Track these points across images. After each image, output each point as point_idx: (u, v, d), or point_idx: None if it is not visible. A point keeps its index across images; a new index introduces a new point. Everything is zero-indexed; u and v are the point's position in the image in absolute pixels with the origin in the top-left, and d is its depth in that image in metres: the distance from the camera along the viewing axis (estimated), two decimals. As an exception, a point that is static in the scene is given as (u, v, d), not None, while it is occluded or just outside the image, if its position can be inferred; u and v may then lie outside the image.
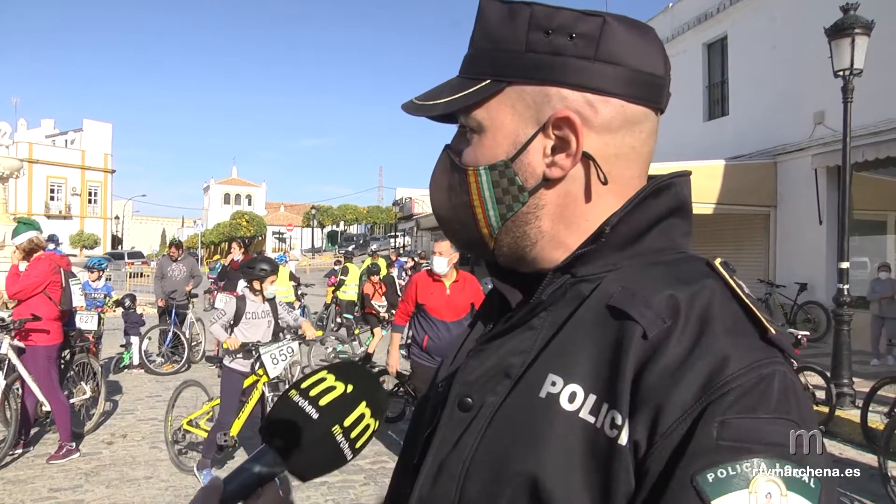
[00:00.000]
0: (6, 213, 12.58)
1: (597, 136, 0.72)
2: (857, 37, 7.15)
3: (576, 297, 0.72)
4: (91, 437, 6.49)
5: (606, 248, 0.73)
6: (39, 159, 51.08)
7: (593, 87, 0.71)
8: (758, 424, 0.57)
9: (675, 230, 0.76)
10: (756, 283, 12.91)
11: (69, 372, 6.62)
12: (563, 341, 0.70)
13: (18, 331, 5.62)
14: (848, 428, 6.53)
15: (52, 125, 62.93)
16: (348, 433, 0.75)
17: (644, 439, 0.60)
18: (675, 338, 0.63)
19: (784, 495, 0.55)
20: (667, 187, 0.75)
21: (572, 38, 0.71)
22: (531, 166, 0.74)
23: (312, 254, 56.83)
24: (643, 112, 0.74)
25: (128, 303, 10.37)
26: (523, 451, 0.66)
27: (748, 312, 0.66)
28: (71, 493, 5.06)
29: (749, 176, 12.52)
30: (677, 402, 0.59)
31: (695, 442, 0.57)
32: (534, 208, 0.75)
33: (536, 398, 0.67)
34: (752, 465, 0.55)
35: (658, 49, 0.74)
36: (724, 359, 0.60)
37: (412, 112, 0.78)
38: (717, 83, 14.96)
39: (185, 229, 72.95)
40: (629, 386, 0.62)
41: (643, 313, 0.65)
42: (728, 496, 0.54)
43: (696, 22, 15.26)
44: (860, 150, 9.96)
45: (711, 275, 0.70)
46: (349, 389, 0.77)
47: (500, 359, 0.73)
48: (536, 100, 0.73)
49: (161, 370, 9.98)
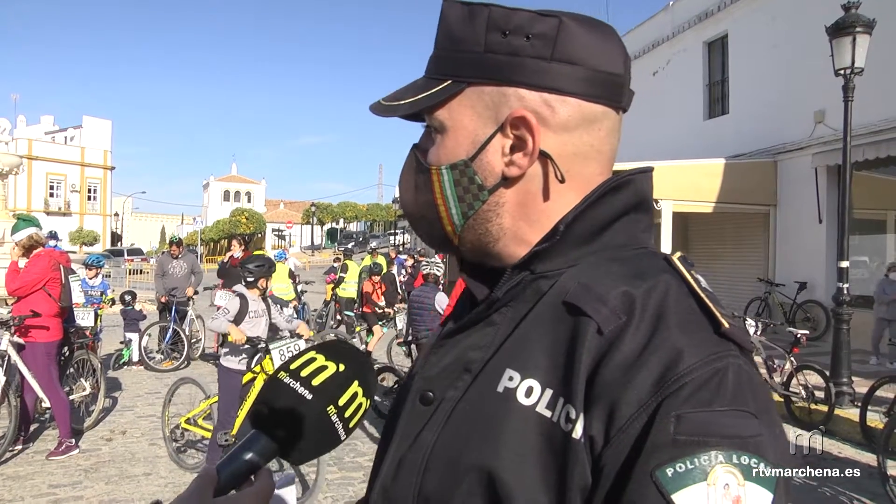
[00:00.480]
0: (6, 210, 12.57)
1: (554, 135, 0.73)
2: (859, 35, 7.14)
3: (535, 293, 0.73)
4: (90, 434, 6.49)
5: (564, 244, 0.74)
6: (39, 156, 51.04)
7: (550, 87, 0.72)
8: (713, 417, 0.58)
9: (635, 226, 0.77)
10: (755, 282, 12.93)
11: (69, 368, 6.62)
12: (520, 337, 0.71)
13: (18, 327, 5.62)
14: (847, 427, 6.54)
15: (51, 122, 62.85)
16: (342, 413, 0.74)
17: (600, 434, 0.61)
18: (630, 333, 0.64)
19: (741, 485, 0.56)
20: (626, 184, 0.76)
21: (529, 38, 0.71)
22: (490, 165, 0.75)
23: (312, 251, 56.78)
24: (602, 111, 0.75)
25: (128, 299, 10.38)
26: (481, 445, 0.67)
27: (703, 307, 0.67)
28: (70, 489, 5.06)
29: (749, 175, 12.52)
30: (632, 398, 0.60)
31: (652, 437, 0.58)
32: (494, 206, 0.76)
33: (494, 393, 0.69)
34: (709, 457, 0.56)
35: (617, 48, 0.75)
36: (678, 353, 0.61)
37: (378, 112, 0.79)
38: (718, 82, 14.94)
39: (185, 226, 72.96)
40: (584, 380, 0.63)
41: (598, 309, 0.66)
42: (687, 490, 0.56)
43: (696, 20, 15.25)
44: (860, 149, 9.96)
45: (669, 270, 0.71)
46: (341, 368, 0.76)
47: (460, 354, 0.75)
48: (495, 100, 0.74)
49: (161, 367, 9.98)
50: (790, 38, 12.25)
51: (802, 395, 6.92)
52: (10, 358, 5.61)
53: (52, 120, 62.99)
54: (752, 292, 13.05)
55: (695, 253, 15.67)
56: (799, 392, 6.96)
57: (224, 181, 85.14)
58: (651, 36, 17.10)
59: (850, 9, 7.26)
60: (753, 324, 7.85)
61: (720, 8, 14.43)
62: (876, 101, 9.71)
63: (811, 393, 6.89)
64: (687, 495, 0.55)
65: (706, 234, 15.09)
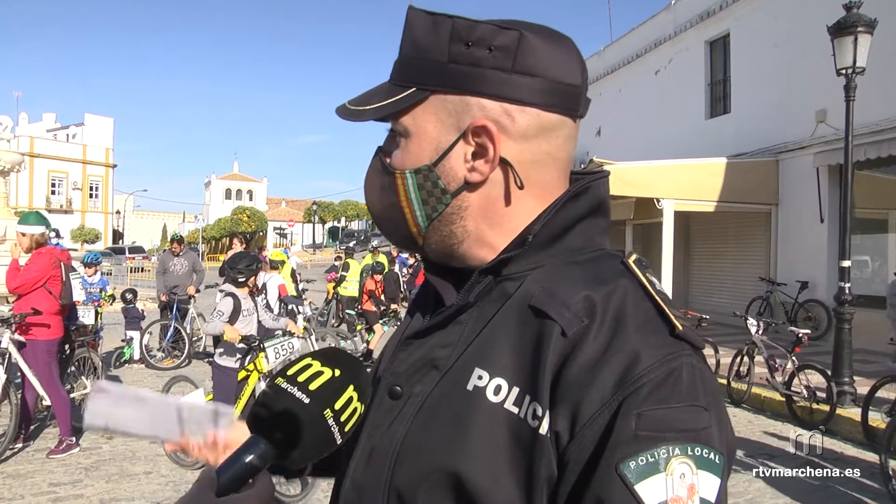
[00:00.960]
0: (7, 208, 12.58)
1: (514, 144, 0.77)
2: (860, 35, 7.13)
3: (501, 294, 0.77)
4: (91, 432, 6.48)
5: (528, 249, 0.78)
6: (41, 153, 51.12)
7: (510, 98, 0.75)
8: (670, 414, 0.64)
9: (592, 229, 0.82)
10: (757, 281, 12.92)
11: (70, 366, 6.62)
12: (488, 337, 0.75)
13: (19, 325, 5.62)
14: (849, 426, 6.53)
15: (53, 119, 63.00)
16: (338, 417, 0.76)
17: (565, 430, 0.66)
18: (592, 336, 0.68)
19: (695, 473, 0.62)
20: (585, 190, 0.81)
21: (491, 50, 0.74)
22: (453, 171, 0.78)
23: (313, 249, 56.80)
24: (559, 119, 0.78)
25: (129, 297, 10.39)
26: (451, 440, 0.71)
27: (659, 310, 0.71)
28: (71, 487, 5.06)
29: (750, 174, 12.50)
30: (595, 396, 0.65)
31: (616, 433, 0.63)
32: (457, 209, 0.79)
33: (464, 391, 0.73)
34: (667, 451, 0.62)
35: (575, 59, 0.78)
36: (636, 355, 0.66)
37: (344, 116, 0.82)
38: (719, 81, 14.92)
39: (186, 224, 72.93)
40: (550, 379, 0.68)
41: (561, 313, 0.71)
42: (648, 480, 0.61)
43: (698, 19, 15.23)
44: (862, 149, 9.94)
45: (626, 273, 0.75)
46: (337, 374, 0.78)
47: (428, 351, 0.79)
48: (457, 108, 0.77)
49: (162, 365, 9.99)
50: (792, 38, 12.23)
51: (804, 395, 6.91)
52: (10, 356, 5.61)
53: (54, 117, 63.15)
54: (753, 291, 13.03)
55: (697, 252, 15.68)
56: (800, 391, 6.95)
57: (226, 179, 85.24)
58: (653, 35, 17.09)
59: (852, 8, 7.24)
60: (755, 323, 7.84)
61: (722, 7, 14.41)
62: (877, 101, 9.70)
63: (813, 392, 6.88)
64: (648, 486, 0.61)
65: (708, 234, 15.08)
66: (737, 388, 7.91)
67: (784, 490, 5.05)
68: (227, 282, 5.72)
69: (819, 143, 11.61)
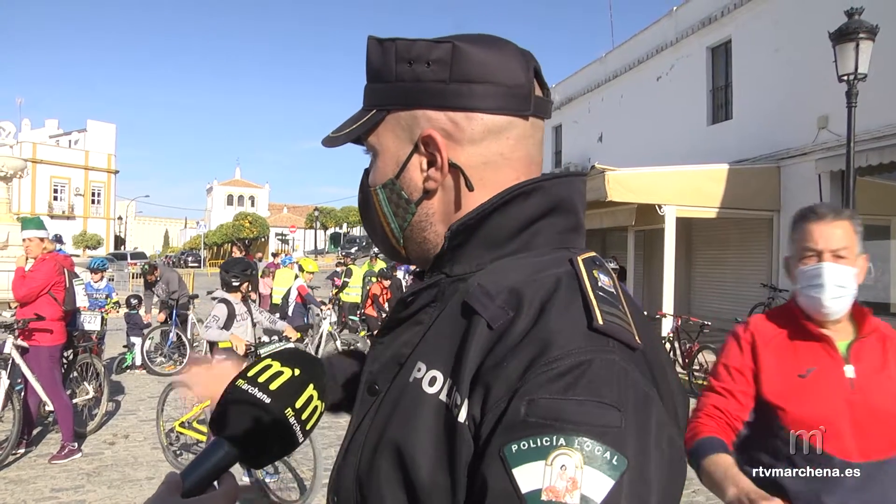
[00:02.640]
0: (9, 213, 12.59)
1: (463, 149, 0.81)
2: (862, 41, 7.15)
3: (453, 293, 0.81)
4: (93, 438, 6.49)
5: (470, 248, 0.82)
6: (43, 159, 51.19)
7: (453, 106, 0.80)
8: (564, 405, 0.63)
9: (551, 228, 0.83)
10: (759, 287, 12.89)
11: (72, 372, 6.63)
12: (434, 333, 0.80)
13: (22, 330, 5.63)
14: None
15: (56, 125, 63.06)
16: (300, 415, 0.78)
17: (478, 415, 0.68)
18: (515, 327, 0.70)
19: (579, 468, 0.60)
20: (535, 190, 0.82)
21: (429, 65, 0.80)
22: (413, 181, 0.84)
23: (315, 255, 56.81)
24: (506, 121, 0.82)
25: (133, 303, 10.40)
26: (397, 427, 0.75)
27: (586, 304, 0.71)
28: (73, 493, 5.06)
29: (753, 180, 12.49)
30: (503, 383, 0.66)
31: (506, 417, 0.64)
32: (425, 217, 0.85)
33: (408, 383, 0.78)
34: (551, 440, 0.61)
35: (515, 60, 0.82)
36: (546, 344, 0.67)
37: (326, 145, 0.89)
38: (721, 87, 14.94)
39: (188, 230, 73.00)
40: (471, 369, 0.70)
41: (487, 306, 0.73)
42: (526, 466, 0.61)
43: (699, 26, 15.25)
44: (864, 155, 9.94)
45: (565, 268, 0.76)
46: (297, 373, 0.80)
47: (396, 350, 0.84)
48: (409, 123, 0.83)
49: (163, 371, 9.99)
50: (793, 44, 12.24)
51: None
52: (13, 361, 5.62)
53: (56, 123, 63.21)
54: (755, 297, 13.00)
55: (698, 258, 15.67)
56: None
57: (227, 185, 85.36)
58: (654, 41, 17.12)
59: (854, 15, 7.26)
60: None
61: (724, 13, 14.43)
62: (879, 107, 9.70)
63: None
64: (525, 471, 0.61)
65: (710, 240, 15.06)
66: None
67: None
68: (221, 286, 5.73)
69: (821, 150, 11.60)
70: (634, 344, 0.70)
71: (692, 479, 5.04)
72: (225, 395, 0.79)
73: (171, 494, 0.73)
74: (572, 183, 0.86)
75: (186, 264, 50.37)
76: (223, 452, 0.76)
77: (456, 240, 0.82)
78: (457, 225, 0.82)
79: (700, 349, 8.87)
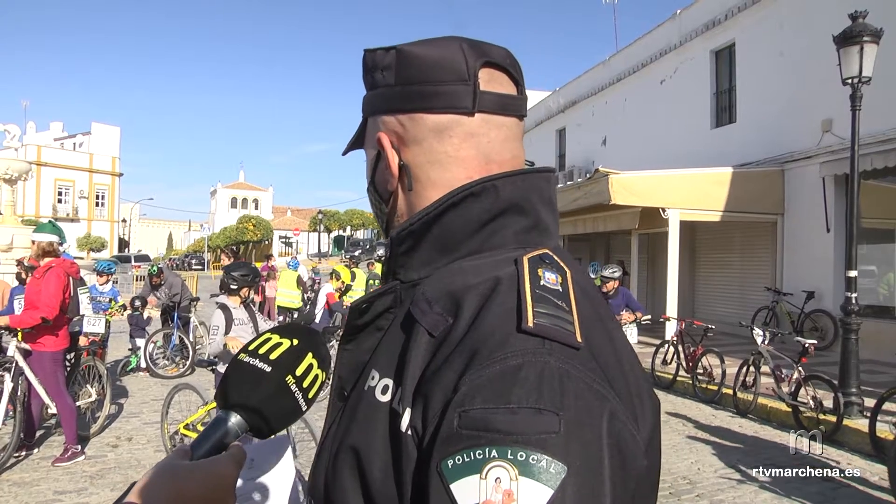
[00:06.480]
0: (14, 216, 12.62)
1: (409, 150, 0.84)
2: (866, 45, 7.13)
3: (408, 299, 0.80)
4: (96, 440, 6.50)
5: (419, 252, 0.82)
6: (48, 162, 51.41)
7: (398, 109, 0.84)
8: (494, 415, 0.60)
9: (507, 228, 0.81)
10: (763, 291, 12.87)
11: (75, 375, 6.63)
12: (387, 340, 0.80)
13: (26, 334, 5.63)
14: (856, 437, 6.48)
15: (60, 128, 63.31)
16: (301, 382, 0.81)
17: (420, 427, 0.66)
18: (453, 334, 0.69)
19: (514, 479, 0.57)
20: (484, 190, 0.80)
21: (382, 72, 0.85)
22: (381, 182, 0.89)
23: (319, 258, 56.85)
24: (449, 119, 0.82)
25: (137, 304, 10.42)
26: (355, 434, 0.75)
27: (519, 304, 0.68)
28: (76, 495, 5.06)
29: (756, 183, 12.48)
30: (440, 394, 0.65)
31: (441, 431, 0.63)
32: (394, 216, 0.89)
33: (363, 390, 0.78)
34: (483, 452, 0.59)
35: (454, 59, 0.81)
36: (476, 352, 0.65)
37: (343, 153, 0.98)
38: (725, 90, 14.92)
39: (192, 233, 73.11)
40: (414, 379, 0.70)
41: (426, 313, 0.73)
42: (462, 481, 0.59)
43: (703, 29, 15.24)
44: (868, 158, 9.92)
45: (508, 269, 0.74)
46: (295, 343, 0.83)
47: (359, 356, 0.84)
48: (373, 128, 0.88)
49: (166, 373, 10.00)
50: (797, 47, 12.23)
51: (811, 405, 6.87)
52: (16, 364, 5.62)
53: (61, 126, 63.46)
54: (759, 301, 12.98)
55: (702, 262, 15.64)
56: (807, 402, 6.91)
57: (231, 188, 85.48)
58: (658, 44, 17.11)
59: (858, 18, 7.24)
60: (761, 333, 7.81)
61: (727, 17, 14.42)
62: (884, 110, 9.68)
63: (819, 403, 6.83)
64: (462, 486, 0.59)
65: (714, 243, 15.04)
66: (743, 398, 7.87)
67: (791, 500, 5.01)
68: (221, 289, 5.68)
69: (825, 153, 11.58)
70: (574, 342, 0.66)
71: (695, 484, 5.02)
72: (227, 368, 0.82)
73: (180, 458, 0.75)
74: (529, 180, 0.83)
75: (190, 267, 50.46)
76: (229, 424, 0.79)
77: (401, 246, 0.83)
78: (396, 231, 0.83)
79: (704, 353, 8.85)
